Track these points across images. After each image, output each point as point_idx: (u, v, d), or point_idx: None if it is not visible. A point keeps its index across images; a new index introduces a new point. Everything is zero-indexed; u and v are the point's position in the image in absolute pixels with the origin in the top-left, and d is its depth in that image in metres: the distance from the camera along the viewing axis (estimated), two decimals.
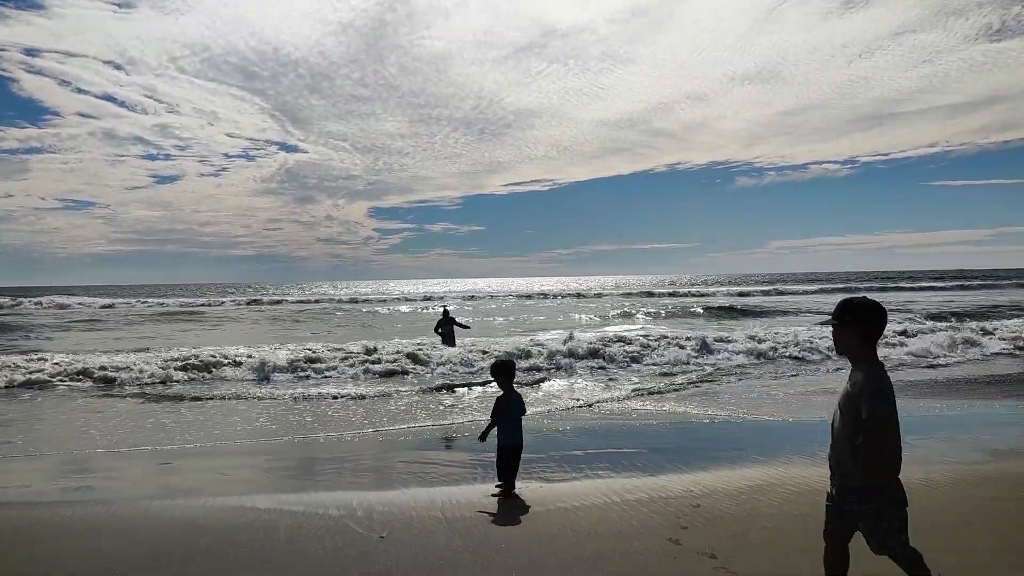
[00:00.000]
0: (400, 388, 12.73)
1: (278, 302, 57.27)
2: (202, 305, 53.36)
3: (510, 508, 5.51)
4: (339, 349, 16.49)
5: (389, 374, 14.48)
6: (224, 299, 62.24)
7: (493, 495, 5.83)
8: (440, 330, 18.36)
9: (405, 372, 14.68)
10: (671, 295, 59.78)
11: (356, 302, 58.41)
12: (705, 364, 15.38)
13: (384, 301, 57.90)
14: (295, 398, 11.72)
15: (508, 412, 6.01)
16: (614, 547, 4.58)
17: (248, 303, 56.35)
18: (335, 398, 11.69)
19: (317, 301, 59.47)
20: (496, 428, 6.02)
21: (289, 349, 17.01)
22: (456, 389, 12.61)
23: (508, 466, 5.94)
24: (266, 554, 4.59)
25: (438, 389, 12.59)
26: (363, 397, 11.80)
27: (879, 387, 3.02)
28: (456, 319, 18.86)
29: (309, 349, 16.68)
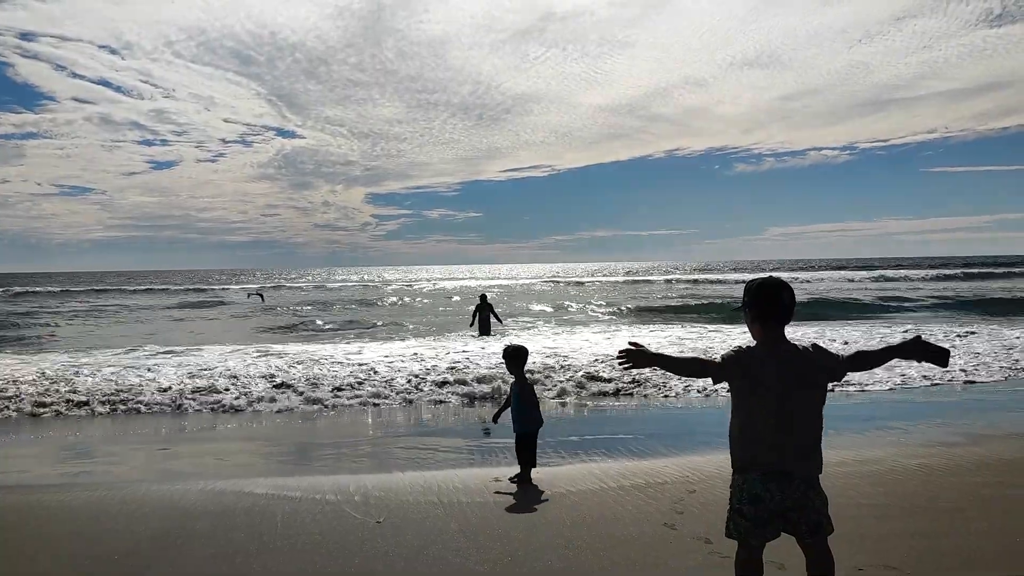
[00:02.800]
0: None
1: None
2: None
3: (507, 493, 5.53)
4: None
5: None
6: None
7: (511, 480, 5.81)
8: (476, 316, 18.48)
9: None
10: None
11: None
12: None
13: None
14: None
15: (515, 400, 5.94)
16: (610, 532, 4.60)
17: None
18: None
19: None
20: (519, 415, 5.88)
21: None
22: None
23: (521, 457, 5.87)
24: (263, 539, 4.60)
25: None
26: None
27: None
28: (494, 308, 18.89)
29: None
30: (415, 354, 13.63)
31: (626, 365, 2.94)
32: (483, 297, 19.05)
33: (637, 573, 3.97)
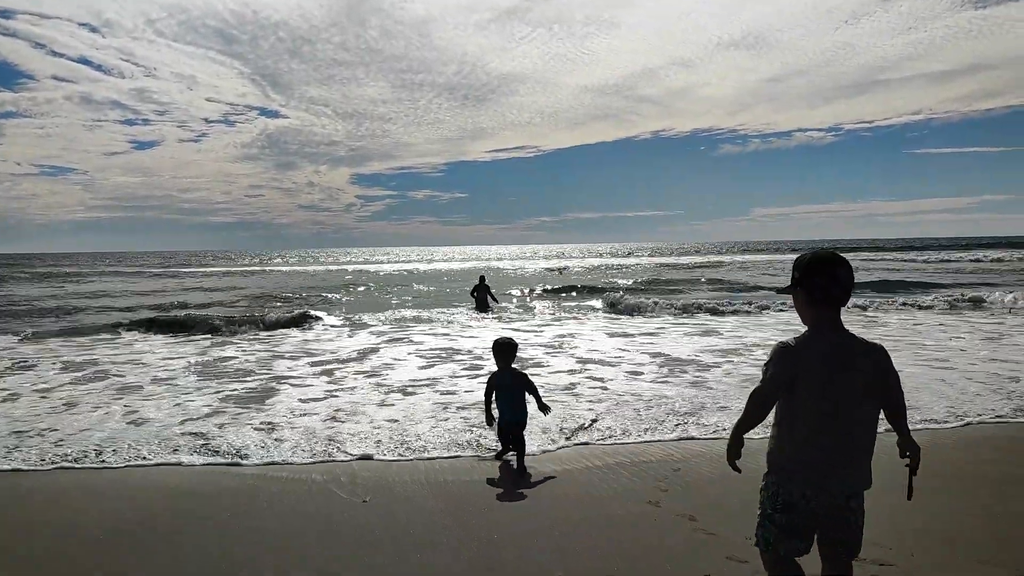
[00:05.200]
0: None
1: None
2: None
3: (492, 474, 5.56)
4: None
5: None
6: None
7: (497, 457, 5.88)
8: (475, 295, 20.06)
9: None
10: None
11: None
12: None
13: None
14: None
15: (502, 389, 5.84)
16: (596, 511, 4.64)
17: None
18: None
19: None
20: (515, 404, 5.80)
21: None
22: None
23: (507, 442, 5.83)
24: (250, 519, 4.61)
25: None
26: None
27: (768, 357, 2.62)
28: (491, 288, 20.31)
29: None
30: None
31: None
32: (482, 278, 20.59)
33: (623, 550, 4.01)
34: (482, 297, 20.01)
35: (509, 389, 5.84)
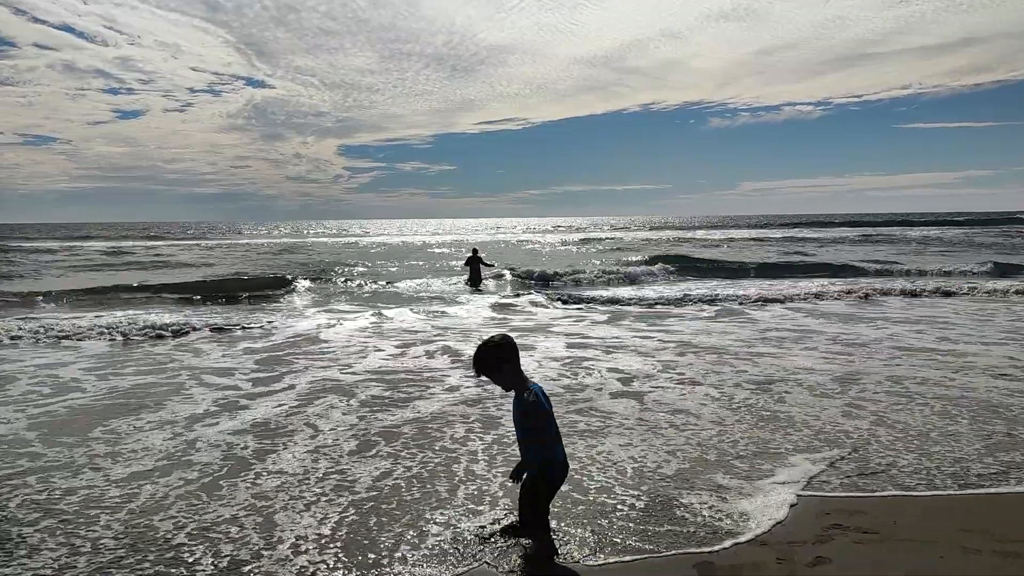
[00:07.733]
0: None
1: None
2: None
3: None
4: None
5: None
6: None
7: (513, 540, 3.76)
8: (468, 267, 20.25)
9: None
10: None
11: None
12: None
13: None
14: None
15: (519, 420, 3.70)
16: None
17: None
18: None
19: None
20: (551, 444, 3.67)
21: None
22: None
23: (525, 503, 3.75)
24: None
25: None
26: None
27: None
28: (483, 258, 20.63)
29: None
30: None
31: None
32: (474, 251, 20.70)
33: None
34: (475, 269, 19.96)
35: (517, 424, 3.75)
